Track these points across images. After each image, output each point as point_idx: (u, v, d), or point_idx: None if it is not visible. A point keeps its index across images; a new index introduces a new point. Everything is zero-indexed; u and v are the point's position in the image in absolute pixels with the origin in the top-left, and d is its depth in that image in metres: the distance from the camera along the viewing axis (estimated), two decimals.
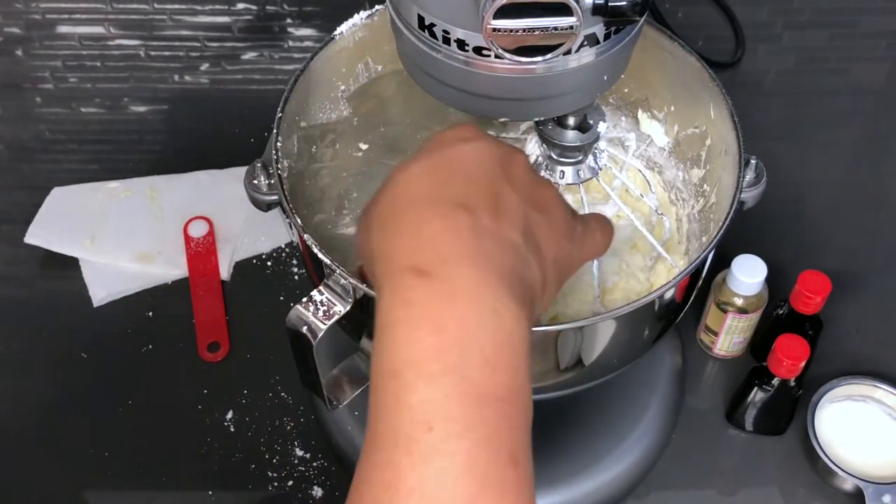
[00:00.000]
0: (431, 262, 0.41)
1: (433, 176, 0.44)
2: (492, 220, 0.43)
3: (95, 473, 0.81)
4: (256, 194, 0.65)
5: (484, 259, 0.41)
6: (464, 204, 0.43)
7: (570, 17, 0.46)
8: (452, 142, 0.46)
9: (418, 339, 0.40)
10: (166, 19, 1.17)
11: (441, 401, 0.39)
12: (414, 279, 0.41)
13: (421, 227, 0.42)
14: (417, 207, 0.43)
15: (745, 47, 1.13)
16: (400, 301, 0.41)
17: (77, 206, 0.97)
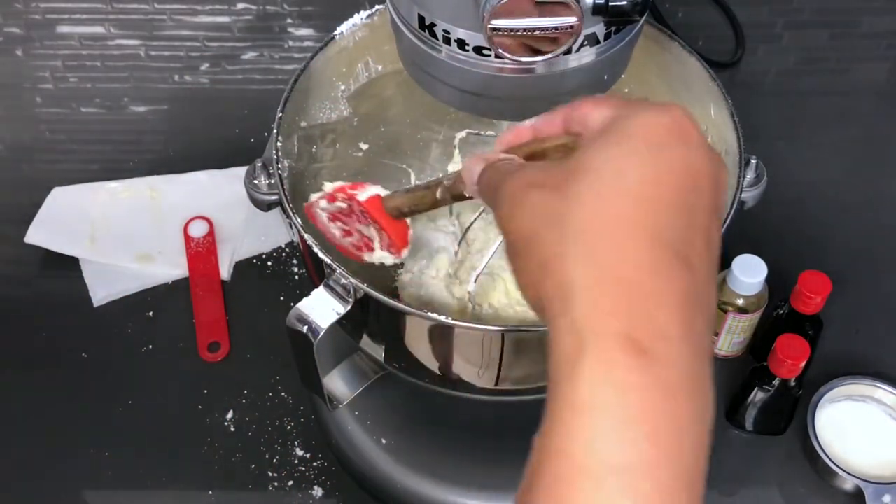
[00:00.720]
0: (651, 337, 0.33)
1: (652, 198, 0.35)
2: (703, 273, 0.35)
3: (95, 473, 0.81)
4: (256, 194, 0.65)
5: (696, 335, 0.34)
6: (683, 252, 0.34)
7: (571, 17, 0.46)
8: (673, 141, 0.36)
9: (631, 443, 0.32)
10: (166, 19, 1.17)
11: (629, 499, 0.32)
12: (630, 356, 0.32)
13: (640, 281, 0.34)
14: (635, 245, 0.34)
15: (745, 47, 1.13)
16: (611, 382, 0.32)
17: (77, 206, 0.97)
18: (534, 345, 0.63)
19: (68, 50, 1.15)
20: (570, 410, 0.33)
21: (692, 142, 0.36)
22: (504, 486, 0.77)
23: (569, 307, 0.34)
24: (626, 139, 0.36)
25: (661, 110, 0.37)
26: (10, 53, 1.15)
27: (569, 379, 0.33)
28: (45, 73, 1.13)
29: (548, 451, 0.33)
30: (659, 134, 0.36)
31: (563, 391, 0.33)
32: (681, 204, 0.35)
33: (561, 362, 0.34)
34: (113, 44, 1.16)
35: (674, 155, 0.36)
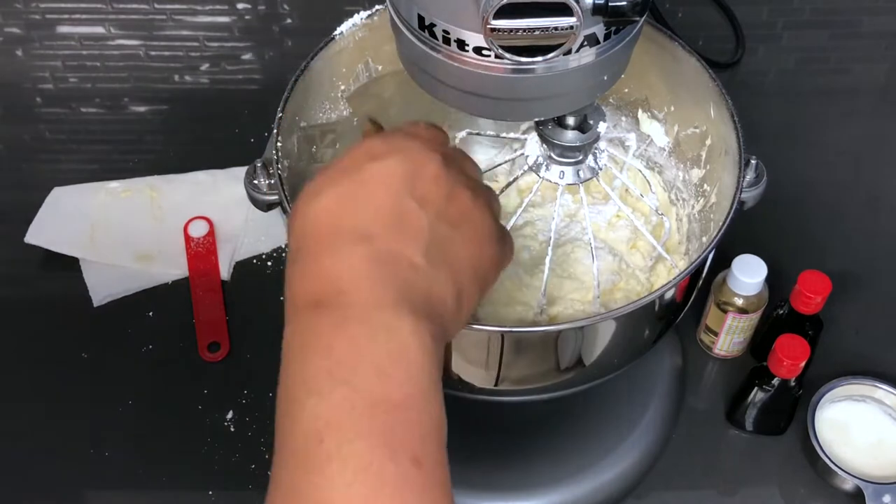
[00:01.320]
0: (328, 295, 0.43)
1: (339, 205, 0.45)
2: (392, 243, 0.44)
3: (95, 473, 0.81)
4: (256, 194, 0.65)
5: (378, 283, 0.43)
6: (365, 233, 0.44)
7: (571, 17, 0.46)
8: (362, 161, 0.46)
9: (311, 364, 0.42)
10: (166, 19, 1.17)
11: (331, 413, 0.40)
12: (311, 314, 0.43)
13: (320, 262, 0.44)
14: (318, 242, 0.45)
15: (745, 47, 1.13)
16: (297, 337, 0.44)
17: (77, 206, 0.97)
18: (534, 345, 0.63)
19: (68, 50, 1.15)
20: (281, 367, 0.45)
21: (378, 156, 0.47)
22: (504, 486, 0.77)
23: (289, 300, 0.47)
24: (329, 172, 0.48)
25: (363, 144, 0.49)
26: (10, 53, 1.15)
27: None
28: (45, 73, 1.13)
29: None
30: (351, 160, 0.48)
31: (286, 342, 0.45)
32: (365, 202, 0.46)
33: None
34: (113, 44, 1.16)
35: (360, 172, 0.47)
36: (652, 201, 0.78)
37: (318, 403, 0.40)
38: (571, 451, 0.79)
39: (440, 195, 0.47)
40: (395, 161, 0.47)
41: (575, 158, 0.64)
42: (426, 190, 0.46)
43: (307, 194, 0.47)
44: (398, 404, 0.41)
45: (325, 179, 0.47)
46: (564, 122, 0.61)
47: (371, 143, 0.48)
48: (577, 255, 0.77)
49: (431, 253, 0.45)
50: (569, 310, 0.73)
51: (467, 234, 0.48)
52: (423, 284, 0.44)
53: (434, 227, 0.46)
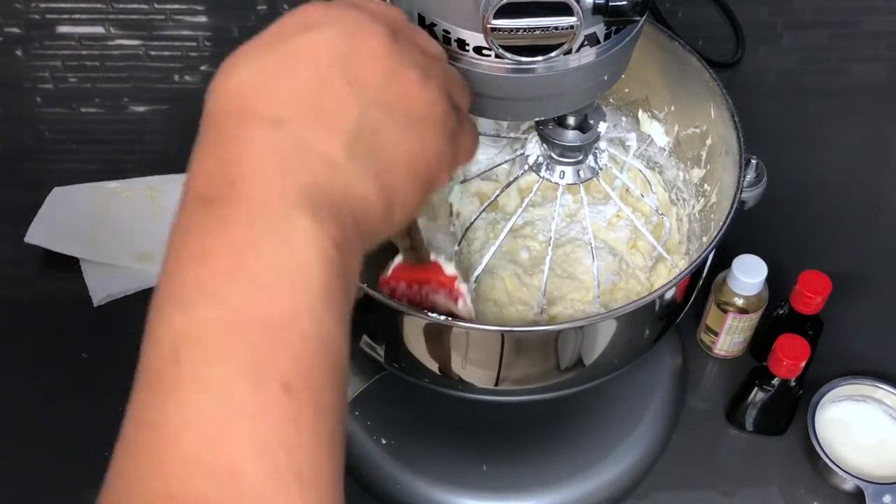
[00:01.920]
0: (218, 187, 0.37)
1: (254, 84, 0.39)
2: (306, 131, 0.38)
3: (95, 473, 0.80)
4: None
5: (277, 178, 0.37)
6: (275, 117, 0.38)
7: (571, 17, 0.46)
8: (292, 31, 0.39)
9: (183, 271, 0.36)
10: (166, 19, 1.17)
11: (191, 329, 0.34)
12: (196, 209, 0.37)
13: (219, 149, 0.39)
14: (222, 125, 0.39)
15: (745, 47, 1.13)
16: (177, 236, 0.37)
17: (77, 206, 0.97)
18: (534, 345, 0.63)
19: (68, 50, 1.15)
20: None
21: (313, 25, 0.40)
22: (504, 487, 0.77)
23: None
24: (255, 40, 0.41)
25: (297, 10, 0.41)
26: (10, 53, 1.15)
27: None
28: (45, 73, 1.13)
29: None
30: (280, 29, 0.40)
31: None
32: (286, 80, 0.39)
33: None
34: (113, 44, 1.15)
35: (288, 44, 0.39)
36: (652, 201, 0.78)
37: (181, 318, 0.35)
38: (571, 451, 0.79)
39: (379, 76, 0.39)
40: (331, 33, 0.39)
41: (575, 158, 0.64)
42: (363, 69, 0.39)
43: (223, 69, 0.40)
44: (275, 324, 0.35)
45: (245, 51, 0.40)
46: (565, 121, 0.61)
47: (307, 9, 0.41)
48: (578, 255, 0.77)
49: (355, 146, 0.38)
50: (569, 310, 0.73)
51: (408, 123, 0.40)
52: (336, 182, 0.38)
53: (364, 115, 0.39)
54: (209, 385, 0.34)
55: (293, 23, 0.40)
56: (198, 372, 0.34)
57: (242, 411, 0.33)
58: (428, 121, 0.41)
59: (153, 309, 0.36)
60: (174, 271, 0.36)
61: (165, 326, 0.35)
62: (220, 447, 0.33)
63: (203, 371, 0.34)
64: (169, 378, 0.34)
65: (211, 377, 0.34)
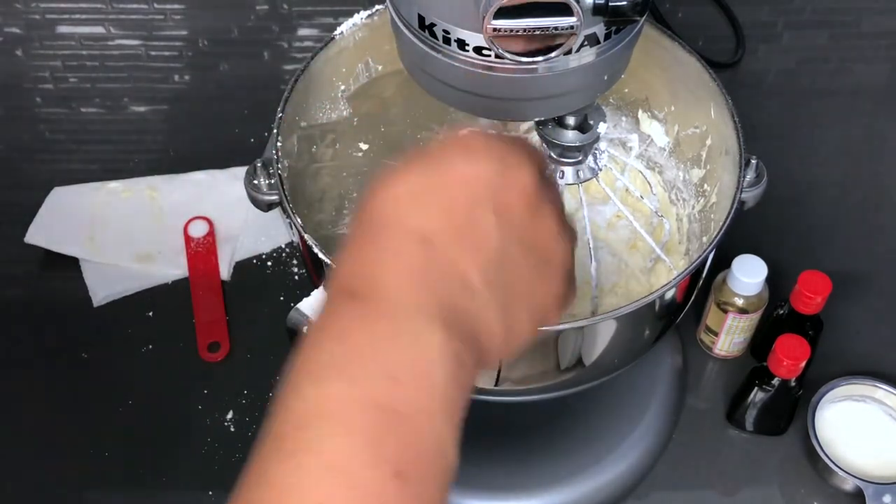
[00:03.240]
0: (365, 287, 0.40)
1: (411, 198, 0.41)
2: (452, 252, 0.40)
3: (95, 473, 0.81)
4: (256, 194, 0.65)
5: (422, 288, 0.39)
6: (426, 234, 0.40)
7: (571, 17, 0.46)
8: (452, 155, 0.42)
9: (322, 350, 0.38)
10: (166, 19, 1.17)
11: (321, 402, 0.37)
12: (343, 301, 0.40)
13: (370, 252, 0.41)
14: (376, 231, 0.41)
15: (745, 47, 1.13)
16: (320, 320, 0.40)
17: (77, 206, 0.97)
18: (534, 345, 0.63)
19: (68, 50, 1.15)
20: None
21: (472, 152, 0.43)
22: (504, 486, 0.77)
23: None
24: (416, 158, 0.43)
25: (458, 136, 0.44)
26: (10, 53, 1.15)
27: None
28: (45, 73, 1.13)
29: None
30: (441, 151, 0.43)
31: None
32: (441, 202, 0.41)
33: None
34: (113, 44, 1.15)
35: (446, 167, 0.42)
36: (652, 202, 0.78)
37: (313, 391, 0.37)
38: (571, 451, 0.79)
39: (524, 214, 0.42)
40: (489, 165, 0.42)
41: (575, 159, 0.64)
42: (510, 203, 0.42)
43: (385, 178, 0.42)
44: (399, 413, 0.37)
45: (408, 166, 0.42)
46: (564, 122, 0.61)
47: (472, 138, 0.43)
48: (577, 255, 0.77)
49: (492, 273, 0.41)
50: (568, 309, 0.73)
51: (539, 264, 0.43)
52: (469, 305, 0.40)
53: (505, 248, 0.41)
54: (328, 455, 0.36)
55: (454, 147, 0.43)
56: (320, 441, 0.36)
57: (353, 486, 0.35)
58: (556, 266, 0.45)
59: (287, 381, 0.38)
60: (313, 348, 0.39)
61: (297, 397, 0.38)
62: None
63: (325, 441, 0.36)
64: (292, 443, 0.37)
65: (331, 448, 0.36)
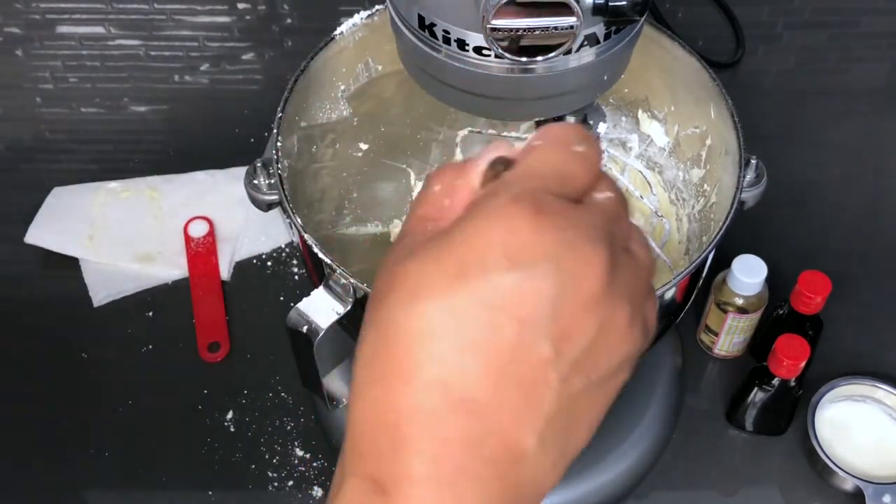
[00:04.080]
0: (394, 479, 0.31)
1: (442, 332, 0.31)
2: (496, 414, 0.31)
3: (95, 473, 0.81)
4: (256, 194, 0.65)
5: (460, 478, 0.31)
6: (466, 395, 0.31)
7: (571, 17, 0.46)
8: (495, 264, 0.31)
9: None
10: (166, 19, 1.17)
11: None
12: (370, 494, 0.32)
13: (398, 426, 0.31)
14: (407, 392, 0.31)
15: (745, 47, 1.13)
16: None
17: (77, 206, 0.97)
18: None
19: (68, 50, 1.15)
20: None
21: (522, 264, 0.31)
22: None
23: (345, 439, 0.34)
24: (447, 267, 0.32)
25: (504, 231, 0.31)
26: (10, 53, 1.15)
27: (329, 496, 0.33)
28: (45, 73, 1.13)
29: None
30: (482, 258, 0.31)
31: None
32: (489, 341, 0.31)
33: (332, 488, 0.34)
34: (113, 44, 1.16)
35: (489, 285, 0.31)
36: (652, 202, 0.78)
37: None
38: None
39: (590, 333, 0.32)
40: (543, 275, 0.31)
41: None
42: (572, 326, 0.31)
43: (403, 272, 0.32)
44: None
45: (433, 272, 0.32)
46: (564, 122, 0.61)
47: (516, 231, 0.31)
48: None
49: (548, 432, 0.32)
50: None
51: (605, 380, 0.34)
52: (520, 475, 0.32)
53: (563, 391, 0.32)
54: None
55: (498, 248, 0.31)
56: None
57: None
58: (624, 368, 0.35)
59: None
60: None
61: None
62: None
63: None
64: None
65: None
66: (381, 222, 0.84)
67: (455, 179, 0.36)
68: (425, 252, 0.32)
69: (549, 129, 0.36)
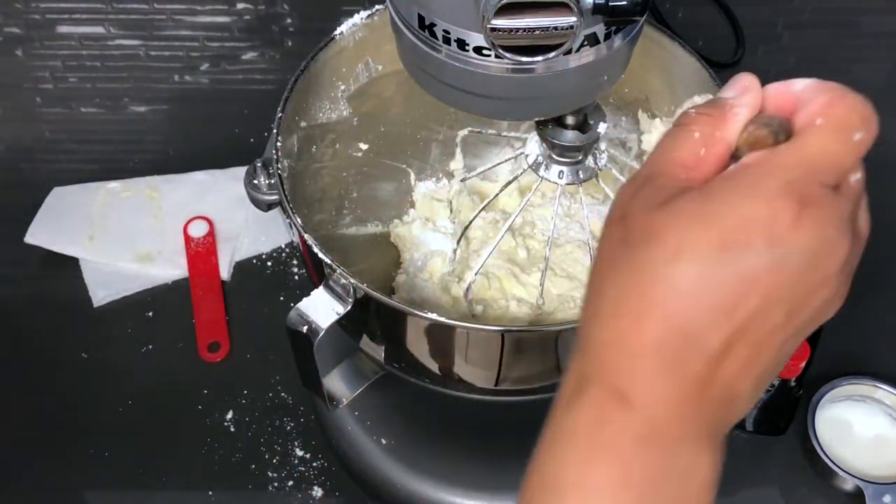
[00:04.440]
0: (639, 397, 0.36)
1: (700, 298, 0.35)
2: (733, 369, 0.36)
3: (95, 473, 0.81)
4: (256, 194, 0.65)
5: (696, 414, 0.36)
6: (711, 353, 0.35)
7: (571, 17, 0.46)
8: (755, 247, 0.35)
9: (595, 470, 0.36)
10: (166, 19, 1.17)
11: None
12: (615, 403, 0.36)
13: (646, 356, 0.36)
14: (655, 330, 0.36)
15: (745, 47, 1.13)
16: (591, 417, 0.37)
17: (77, 206, 0.97)
18: (534, 345, 0.63)
19: (68, 50, 1.15)
20: (552, 430, 0.38)
21: (782, 240, 0.35)
22: (504, 487, 0.77)
23: (579, 355, 0.38)
24: (715, 216, 0.35)
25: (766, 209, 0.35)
26: (10, 53, 1.15)
27: (563, 411, 0.38)
28: (45, 73, 1.13)
29: (532, 468, 0.39)
30: (746, 237, 0.35)
31: (555, 421, 0.38)
32: (738, 310, 0.35)
33: (562, 397, 0.38)
34: (113, 44, 1.15)
35: (747, 262, 0.35)
36: None
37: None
38: None
39: (815, 304, 0.37)
40: (795, 262, 0.35)
41: (575, 158, 0.63)
42: (804, 300, 0.36)
43: (663, 236, 0.36)
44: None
45: (696, 237, 0.35)
46: (564, 121, 0.61)
47: (779, 220, 0.35)
48: (577, 255, 0.77)
49: (760, 382, 0.38)
50: (569, 309, 0.73)
51: (802, 336, 0.39)
52: (729, 415, 0.38)
53: (782, 350, 0.37)
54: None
55: (761, 231, 0.35)
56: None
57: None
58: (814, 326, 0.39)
59: (552, 486, 0.38)
60: (584, 464, 0.37)
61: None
62: None
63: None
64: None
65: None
66: (381, 222, 0.84)
67: (714, 131, 0.39)
68: (689, 212, 0.36)
69: (836, 104, 0.41)
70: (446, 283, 0.77)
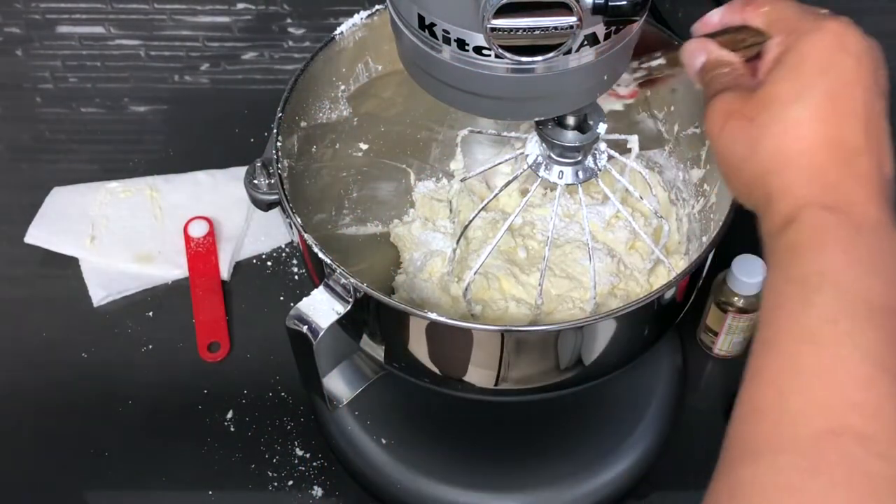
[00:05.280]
0: (840, 203, 0.45)
1: (820, 115, 0.45)
2: (876, 154, 0.46)
3: (95, 473, 0.81)
4: (256, 194, 0.65)
5: (884, 202, 0.45)
6: (859, 147, 0.45)
7: (571, 17, 0.46)
8: (836, 58, 0.46)
9: (827, 255, 0.43)
10: (166, 19, 1.17)
11: (847, 303, 0.42)
12: (825, 214, 0.44)
13: (825, 173, 0.45)
14: (814, 154, 0.45)
15: None
16: (809, 227, 0.44)
17: (77, 206, 0.97)
18: (534, 345, 0.63)
19: (68, 50, 1.15)
20: (780, 251, 0.46)
21: (851, 49, 0.46)
22: (504, 486, 0.77)
23: (775, 204, 0.46)
24: (797, 70, 0.47)
25: (819, 32, 0.47)
26: (10, 53, 1.15)
27: (772, 235, 0.47)
28: (45, 73, 1.13)
29: (770, 285, 0.47)
30: (823, 57, 0.46)
31: (780, 244, 0.46)
32: (847, 110, 0.46)
33: (775, 230, 0.46)
34: (113, 44, 1.16)
35: (841, 70, 0.46)
36: (652, 203, 0.78)
37: (835, 292, 0.43)
38: (571, 451, 0.79)
39: (885, 80, 0.48)
40: (866, 51, 0.47)
41: (574, 159, 0.64)
42: (883, 79, 0.47)
43: (781, 104, 0.46)
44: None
45: (793, 81, 0.46)
46: (564, 122, 0.61)
47: (837, 29, 0.47)
48: (576, 255, 0.77)
49: (888, 151, 0.47)
50: (567, 309, 0.73)
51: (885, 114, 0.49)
52: (887, 192, 0.46)
53: (884, 123, 0.47)
54: (861, 347, 0.41)
55: (830, 46, 0.46)
56: (853, 336, 0.42)
57: (887, 370, 0.41)
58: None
59: (798, 279, 0.44)
60: (818, 254, 0.44)
61: (824, 297, 0.43)
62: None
63: (857, 337, 0.41)
64: (825, 336, 0.42)
65: (862, 342, 0.41)
66: (381, 222, 0.84)
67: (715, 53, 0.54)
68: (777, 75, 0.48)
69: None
70: (446, 282, 0.77)
